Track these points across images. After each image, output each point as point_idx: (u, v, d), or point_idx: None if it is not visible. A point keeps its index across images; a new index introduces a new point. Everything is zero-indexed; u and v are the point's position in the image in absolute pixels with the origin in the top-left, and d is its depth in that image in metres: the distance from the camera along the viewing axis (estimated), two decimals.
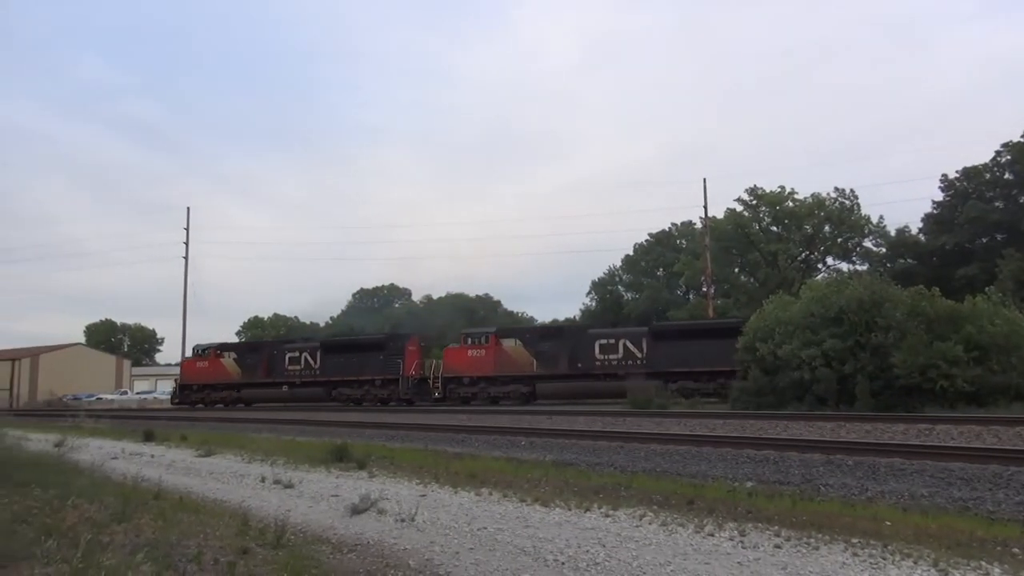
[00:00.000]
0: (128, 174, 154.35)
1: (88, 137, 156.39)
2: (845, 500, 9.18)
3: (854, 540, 6.23)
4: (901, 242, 48.76)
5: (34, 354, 63.56)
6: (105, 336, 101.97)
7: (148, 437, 17.81)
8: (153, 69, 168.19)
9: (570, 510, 7.81)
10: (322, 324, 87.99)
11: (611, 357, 30.13)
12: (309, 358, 35.55)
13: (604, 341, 30.59)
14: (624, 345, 30.16)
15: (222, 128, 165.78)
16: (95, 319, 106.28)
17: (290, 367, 35.95)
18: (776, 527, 6.82)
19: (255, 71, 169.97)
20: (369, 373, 33.93)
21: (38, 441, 14.57)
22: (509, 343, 32.57)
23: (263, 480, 10.41)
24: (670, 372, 28.39)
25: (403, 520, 7.25)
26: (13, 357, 62.96)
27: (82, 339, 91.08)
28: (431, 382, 33.11)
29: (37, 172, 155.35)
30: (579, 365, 30.61)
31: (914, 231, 48.79)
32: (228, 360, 38.26)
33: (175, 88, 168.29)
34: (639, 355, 29.84)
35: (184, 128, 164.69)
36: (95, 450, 14.74)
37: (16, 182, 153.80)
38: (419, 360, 34.54)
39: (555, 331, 35.39)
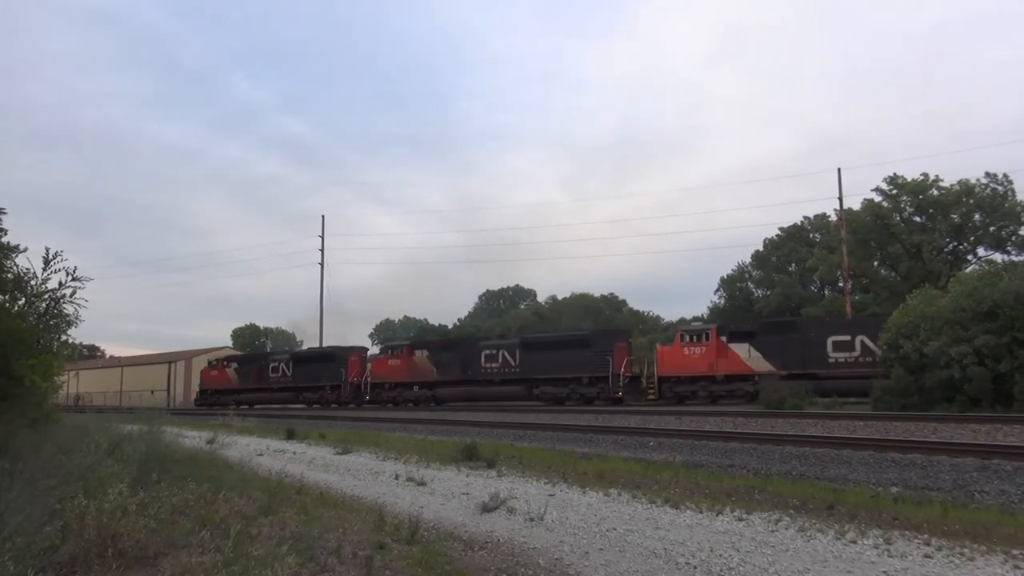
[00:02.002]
0: (274, 186, 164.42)
1: (239, 153, 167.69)
2: (1004, 508, 8.54)
3: (1015, 552, 5.79)
4: None
5: (188, 357, 68.26)
6: (250, 339, 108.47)
7: (290, 435, 18.85)
8: (295, 88, 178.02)
9: (701, 512, 7.66)
10: (450, 326, 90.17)
11: (492, 365, 34.73)
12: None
13: (488, 352, 35.12)
14: (503, 355, 34.52)
15: (360, 140, 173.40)
16: (241, 323, 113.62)
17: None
18: (926, 535, 6.44)
19: (388, 84, 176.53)
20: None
21: (192, 438, 15.66)
22: (419, 354, 37.65)
23: (397, 477, 10.79)
24: (535, 378, 33.11)
25: (532, 519, 7.33)
26: (170, 360, 68.10)
27: (229, 342, 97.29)
28: (363, 386, 39.10)
29: (198, 188, 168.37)
30: (469, 372, 35.29)
31: None
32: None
33: (315, 105, 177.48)
34: (513, 363, 34.16)
35: (325, 141, 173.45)
36: (243, 447, 15.72)
37: (182, 197, 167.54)
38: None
39: (452, 344, 40.20)
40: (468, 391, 35.09)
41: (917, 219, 48.72)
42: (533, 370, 33.51)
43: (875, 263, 52.54)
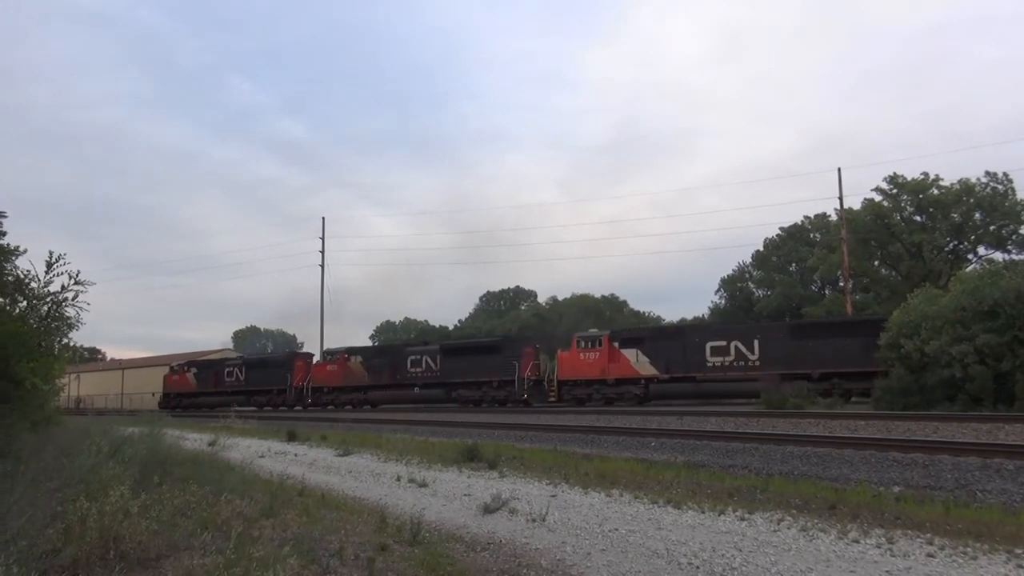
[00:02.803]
0: (273, 188, 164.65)
1: (237, 154, 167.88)
2: (1006, 507, 8.54)
3: (1018, 551, 5.79)
4: None
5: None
6: (250, 342, 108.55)
7: (291, 437, 18.83)
8: (293, 89, 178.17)
9: (703, 513, 7.66)
10: (450, 327, 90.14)
11: (417, 370, 37.03)
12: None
13: (413, 357, 37.50)
14: (426, 360, 36.84)
15: (358, 141, 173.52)
16: (241, 325, 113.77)
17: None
18: (928, 535, 6.44)
19: (386, 85, 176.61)
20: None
21: (194, 440, 15.67)
22: (354, 360, 40.12)
23: (398, 479, 10.79)
24: (453, 382, 35.35)
25: (534, 520, 7.33)
26: (170, 363, 68.12)
27: (230, 344, 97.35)
28: (304, 390, 41.38)
29: (196, 189, 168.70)
30: (397, 377, 37.46)
31: None
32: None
33: (314, 106, 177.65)
34: (435, 368, 36.43)
35: (323, 142, 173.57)
36: (244, 449, 15.72)
37: (180, 199, 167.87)
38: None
39: (383, 350, 43.22)
40: (396, 394, 37.64)
41: (917, 218, 48.70)
42: (452, 374, 35.84)
43: (875, 263, 52.52)
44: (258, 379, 44.50)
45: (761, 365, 28.02)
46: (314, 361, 43.72)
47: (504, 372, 33.86)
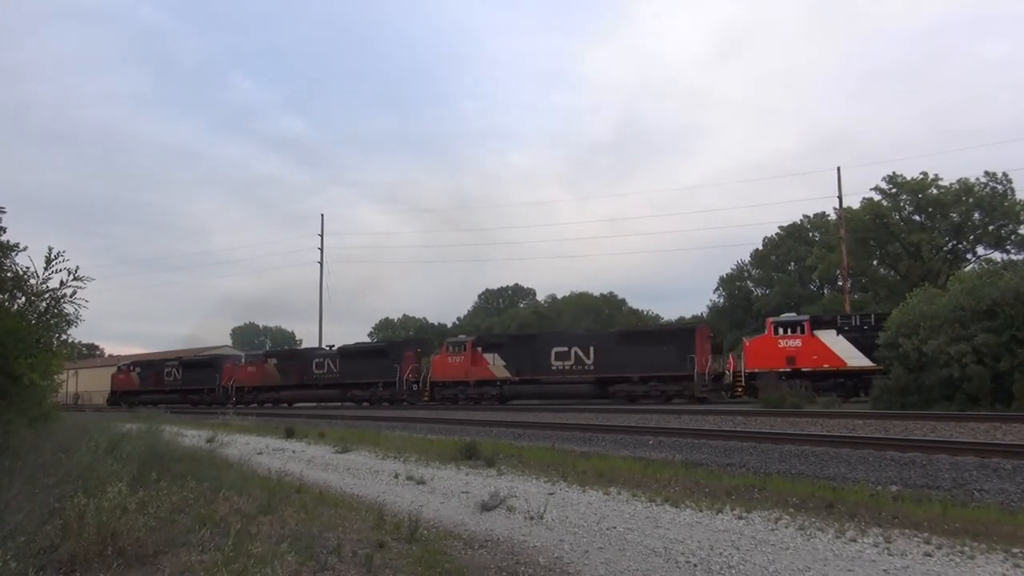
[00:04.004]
0: (274, 186, 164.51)
1: (238, 152, 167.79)
2: (1003, 507, 8.55)
3: (1015, 550, 5.80)
4: None
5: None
6: (249, 339, 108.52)
7: (289, 434, 18.82)
8: (295, 87, 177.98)
9: (701, 511, 7.66)
10: (449, 325, 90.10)
11: (320, 372, 40.72)
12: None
13: (317, 360, 41.30)
14: (327, 363, 40.57)
15: (360, 139, 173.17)
16: (240, 322, 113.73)
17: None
18: (926, 534, 6.44)
19: (388, 83, 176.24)
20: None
21: (191, 437, 15.63)
22: (269, 363, 44.38)
23: (396, 476, 10.78)
24: (348, 383, 39.12)
25: (532, 518, 7.33)
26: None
27: (229, 341, 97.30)
28: (229, 390, 44.43)
29: (197, 187, 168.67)
30: (304, 378, 41.25)
31: None
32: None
33: (315, 104, 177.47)
34: (335, 370, 39.98)
35: (325, 141, 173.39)
36: (242, 445, 15.71)
37: (181, 197, 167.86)
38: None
39: (293, 354, 46.61)
40: (302, 394, 41.59)
41: (916, 218, 48.78)
42: (348, 376, 39.48)
43: (874, 262, 52.62)
44: (192, 379, 47.60)
45: (595, 369, 31.40)
46: (242, 363, 47.07)
47: (389, 374, 37.16)
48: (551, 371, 32.21)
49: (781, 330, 28.80)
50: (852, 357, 27.01)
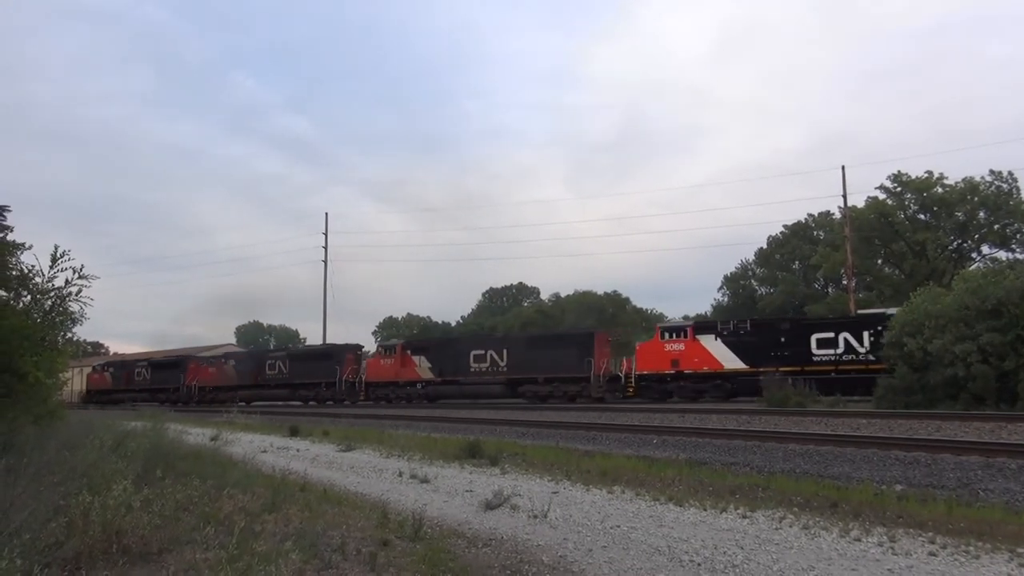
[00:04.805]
0: (277, 184, 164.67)
1: (240, 151, 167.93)
2: (1009, 507, 8.52)
3: (1020, 550, 5.78)
4: None
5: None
6: (253, 337, 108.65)
7: (293, 432, 18.85)
8: (297, 86, 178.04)
9: (705, 510, 7.65)
10: (453, 323, 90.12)
11: (272, 373, 43.17)
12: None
13: (270, 362, 44.02)
14: (278, 364, 43.15)
15: (362, 138, 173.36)
16: (244, 321, 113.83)
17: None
18: (930, 533, 6.43)
19: (391, 82, 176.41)
20: None
21: (196, 435, 15.66)
22: (228, 363, 46.91)
23: (400, 475, 10.79)
24: (296, 383, 41.55)
25: (536, 516, 7.33)
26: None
27: (233, 340, 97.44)
28: (192, 389, 46.65)
29: (201, 186, 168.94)
30: (258, 379, 43.72)
31: None
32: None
33: (317, 103, 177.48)
34: (285, 371, 42.45)
35: (326, 140, 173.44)
36: (246, 444, 15.72)
37: (184, 195, 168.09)
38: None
39: (249, 355, 50.54)
40: (258, 393, 43.34)
41: (921, 217, 48.69)
42: (296, 376, 41.91)
43: (879, 261, 52.53)
44: (160, 379, 50.00)
45: (507, 371, 33.64)
46: (204, 364, 49.22)
47: (330, 375, 39.69)
48: (469, 373, 34.69)
49: (667, 335, 30.73)
50: (728, 360, 29.01)
